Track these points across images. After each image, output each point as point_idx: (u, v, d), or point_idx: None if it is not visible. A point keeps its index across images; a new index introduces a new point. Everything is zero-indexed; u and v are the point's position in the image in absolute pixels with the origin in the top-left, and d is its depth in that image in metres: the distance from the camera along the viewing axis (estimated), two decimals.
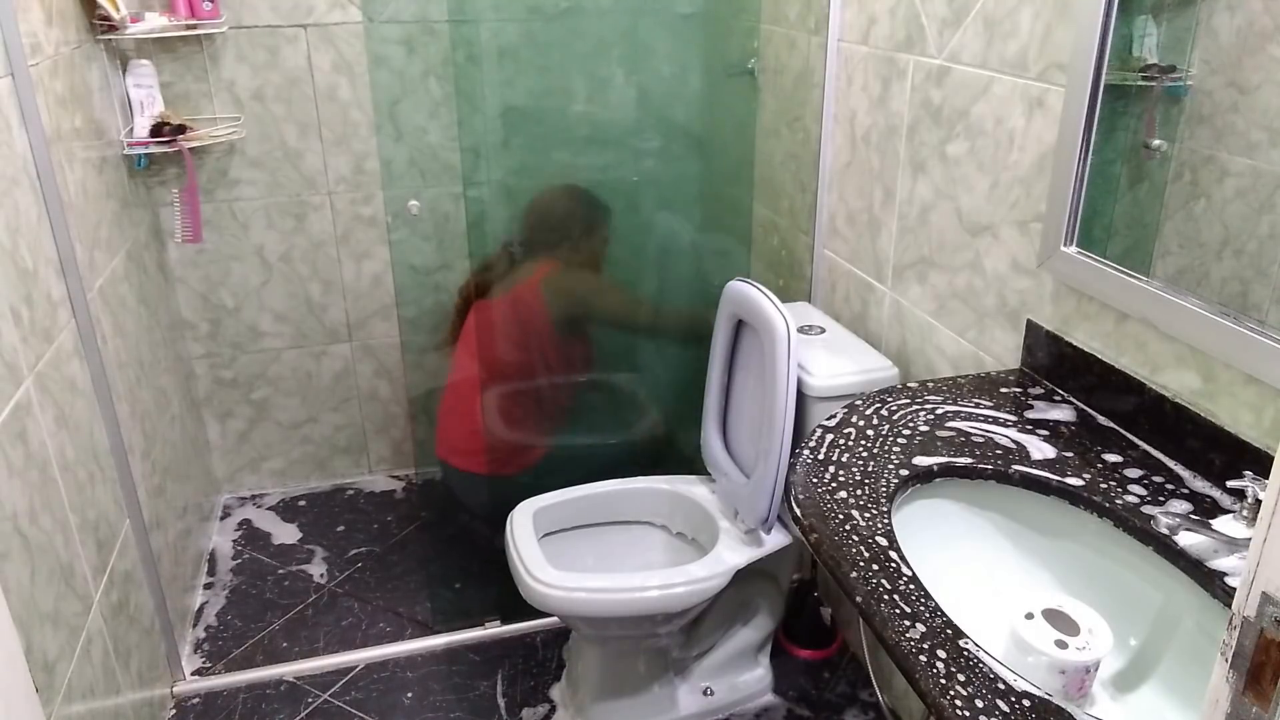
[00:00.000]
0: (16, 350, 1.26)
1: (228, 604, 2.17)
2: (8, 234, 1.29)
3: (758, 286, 1.62)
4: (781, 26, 2.01)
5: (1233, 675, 0.49)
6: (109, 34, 1.88)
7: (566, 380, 2.14)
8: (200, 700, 1.88)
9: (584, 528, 1.85)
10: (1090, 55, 1.13)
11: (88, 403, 1.53)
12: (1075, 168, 1.18)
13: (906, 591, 0.89)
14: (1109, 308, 1.19)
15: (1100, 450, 1.13)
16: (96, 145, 1.78)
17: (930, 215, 1.55)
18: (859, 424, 1.20)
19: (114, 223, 1.83)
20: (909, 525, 1.06)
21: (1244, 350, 0.97)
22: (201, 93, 2.18)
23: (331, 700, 1.88)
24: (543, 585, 1.57)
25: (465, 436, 2.09)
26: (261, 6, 2.15)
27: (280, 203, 2.32)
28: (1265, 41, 0.94)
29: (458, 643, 2.02)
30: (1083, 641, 0.89)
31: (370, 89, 2.26)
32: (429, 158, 2.34)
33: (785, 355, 1.51)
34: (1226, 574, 0.89)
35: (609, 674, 1.76)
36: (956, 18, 1.42)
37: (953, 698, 0.77)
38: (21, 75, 1.39)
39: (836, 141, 1.84)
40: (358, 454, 2.65)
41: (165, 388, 2.07)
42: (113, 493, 1.61)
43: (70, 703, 1.28)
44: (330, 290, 2.44)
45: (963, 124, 1.44)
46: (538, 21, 2.05)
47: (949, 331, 1.53)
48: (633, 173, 2.11)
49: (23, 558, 1.19)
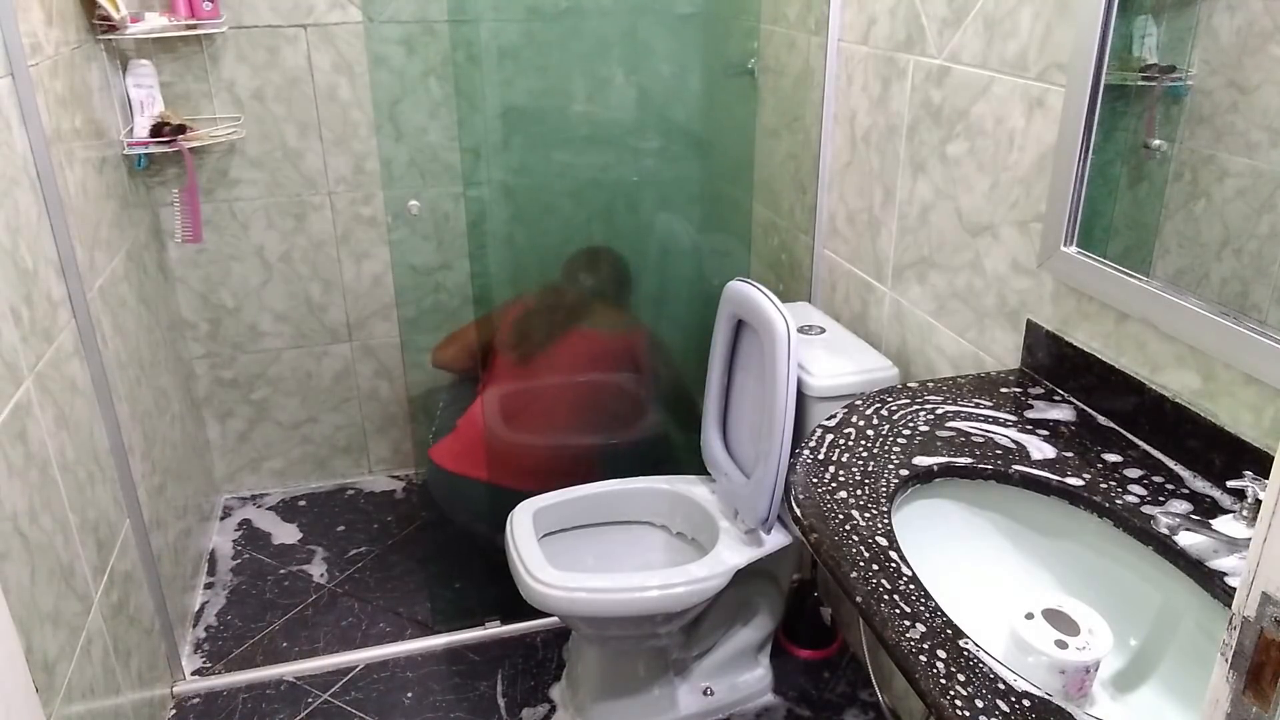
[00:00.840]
0: (16, 350, 1.26)
1: (228, 604, 2.17)
2: (8, 234, 1.29)
3: (758, 286, 1.62)
4: (781, 26, 2.01)
5: (1233, 675, 0.49)
6: (109, 34, 1.88)
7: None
8: (200, 700, 1.88)
9: (584, 528, 1.85)
10: (1090, 55, 1.13)
11: (88, 403, 1.53)
12: (1075, 168, 1.18)
13: (906, 591, 0.89)
14: (1109, 308, 1.19)
15: (1100, 450, 1.13)
16: (96, 145, 1.78)
17: (930, 215, 1.55)
18: (859, 424, 1.20)
19: (114, 223, 1.83)
20: (909, 525, 1.06)
21: (1244, 350, 0.97)
22: (201, 93, 2.18)
23: (331, 700, 1.88)
24: (543, 585, 1.57)
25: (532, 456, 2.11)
26: (261, 6, 2.15)
27: (280, 203, 2.32)
28: (1265, 41, 0.94)
29: (458, 643, 2.02)
30: (1083, 641, 0.89)
31: (370, 89, 2.26)
32: (429, 158, 2.34)
33: (785, 355, 1.51)
34: (1226, 574, 0.89)
35: (609, 674, 1.76)
36: (956, 18, 1.42)
37: (953, 698, 0.77)
38: (21, 75, 1.39)
39: (836, 141, 1.84)
40: (358, 454, 2.65)
41: (165, 388, 2.07)
42: (113, 493, 1.61)
43: (70, 703, 1.28)
44: (330, 290, 2.44)
45: (963, 124, 1.44)
46: (538, 21, 2.05)
47: (949, 331, 1.53)
48: (633, 173, 2.10)
49: (23, 558, 1.19)
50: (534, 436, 2.13)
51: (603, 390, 2.16)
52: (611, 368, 2.15)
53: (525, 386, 2.14)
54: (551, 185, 2.10)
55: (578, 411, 2.15)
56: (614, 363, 2.15)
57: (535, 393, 2.15)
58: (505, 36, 2.03)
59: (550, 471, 2.03)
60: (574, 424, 2.15)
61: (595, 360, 2.13)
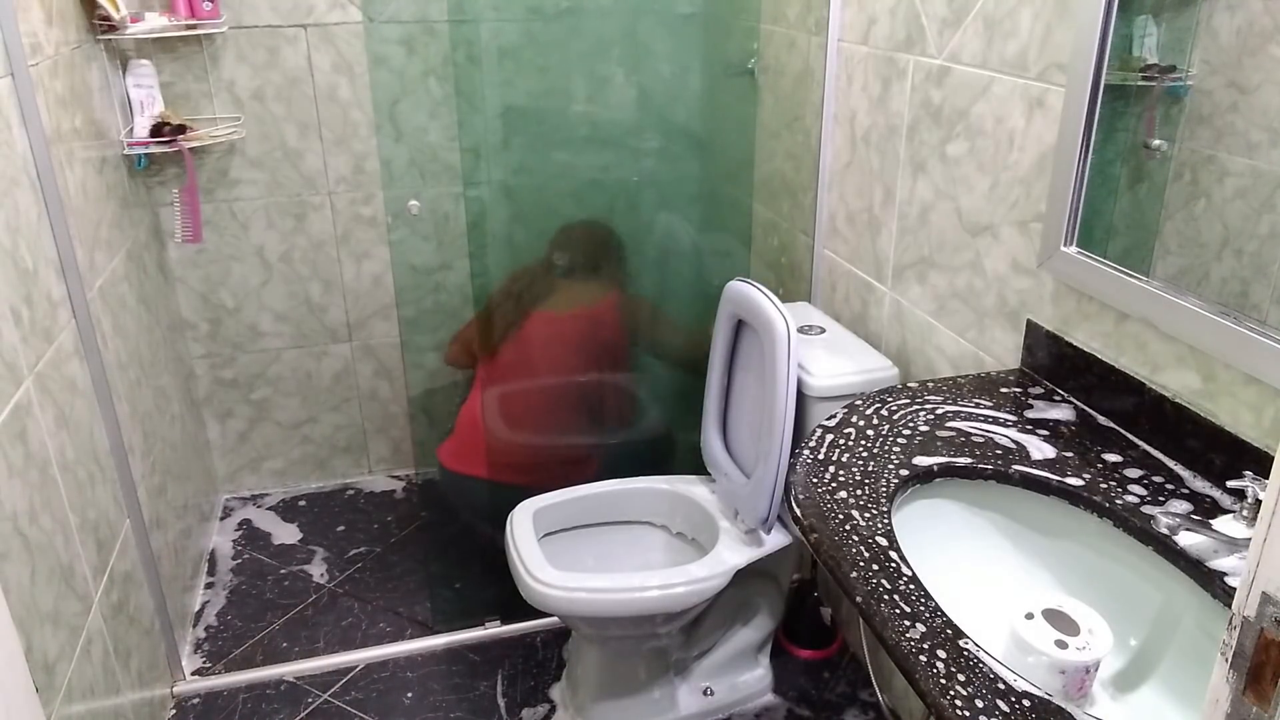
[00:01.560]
0: (16, 350, 1.26)
1: (228, 604, 2.17)
2: (8, 234, 1.29)
3: (758, 286, 1.62)
4: (781, 26, 2.01)
5: (1233, 675, 0.49)
6: (109, 34, 1.88)
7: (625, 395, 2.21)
8: (200, 700, 1.88)
9: (584, 528, 1.85)
10: (1090, 55, 1.13)
11: (88, 403, 1.53)
12: (1075, 168, 1.18)
13: (906, 591, 0.89)
14: (1109, 308, 1.19)
15: (1100, 450, 1.13)
16: (96, 145, 1.78)
17: (930, 215, 1.55)
18: (859, 424, 1.20)
19: (114, 223, 1.83)
20: (909, 525, 1.06)
21: (1244, 350, 0.97)
22: (201, 93, 2.18)
23: (331, 700, 1.88)
24: (543, 585, 1.57)
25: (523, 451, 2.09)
26: (261, 6, 2.15)
27: (280, 203, 2.32)
28: (1265, 41, 0.94)
29: (458, 643, 2.02)
30: (1083, 641, 0.89)
31: (370, 89, 2.26)
32: (429, 158, 2.34)
33: (785, 355, 1.51)
34: (1226, 574, 0.89)
35: (609, 674, 1.76)
36: (956, 18, 1.42)
37: (953, 698, 0.77)
38: (21, 75, 1.39)
39: (836, 141, 1.84)
40: (358, 454, 2.65)
41: (165, 388, 2.07)
42: (113, 493, 1.61)
43: (70, 703, 1.28)
44: (330, 290, 2.44)
45: (963, 124, 1.44)
46: (538, 21, 2.05)
47: (949, 331, 1.53)
48: (633, 173, 2.10)
49: (23, 558, 1.19)
50: (518, 431, 2.12)
51: (575, 370, 2.12)
52: (577, 347, 2.10)
53: (502, 379, 2.13)
54: (551, 185, 2.10)
55: (554, 398, 2.12)
56: (579, 341, 2.10)
57: (511, 384, 2.14)
58: (505, 36, 2.03)
59: (542, 465, 2.03)
60: (554, 414, 2.12)
61: (557, 342, 2.09)
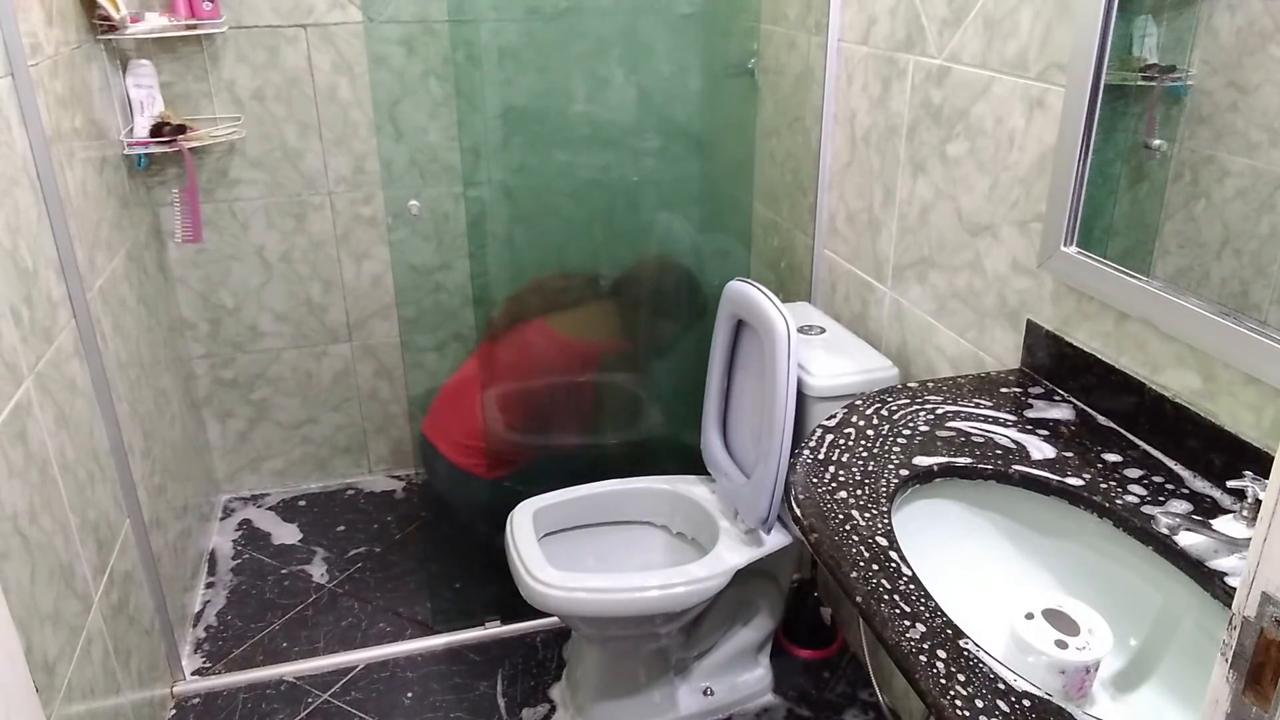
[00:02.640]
0: (16, 350, 1.26)
1: (228, 604, 2.17)
2: (8, 234, 1.29)
3: (758, 286, 1.62)
4: (781, 26, 2.01)
5: (1233, 675, 0.49)
6: (109, 34, 1.88)
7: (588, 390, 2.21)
8: (200, 700, 1.88)
9: (584, 528, 1.84)
10: (1090, 55, 1.13)
11: (88, 403, 1.53)
12: (1075, 168, 1.18)
13: (906, 591, 0.89)
14: (1109, 308, 1.19)
15: (1100, 450, 1.13)
16: (96, 145, 1.78)
17: (930, 215, 1.55)
18: (859, 424, 1.20)
19: (114, 223, 1.83)
20: (909, 525, 1.06)
21: (1244, 350, 0.97)
22: (201, 93, 2.18)
23: (331, 700, 1.88)
24: (543, 585, 1.57)
25: (466, 433, 2.09)
26: (261, 6, 2.14)
27: (280, 203, 2.32)
28: (1265, 41, 0.94)
29: (458, 643, 2.02)
30: (1083, 641, 0.89)
31: (370, 89, 2.26)
32: (429, 158, 2.34)
33: (785, 355, 1.51)
34: (1226, 574, 0.89)
35: (609, 674, 1.76)
36: (956, 18, 1.42)
37: (953, 698, 0.77)
38: (21, 75, 1.39)
39: (836, 141, 1.84)
40: (358, 454, 2.65)
41: (165, 388, 2.07)
42: (113, 493, 1.61)
43: (70, 703, 1.28)
44: (330, 290, 2.44)
45: (963, 124, 1.44)
46: (538, 21, 2.05)
47: (949, 331, 1.53)
48: (633, 173, 2.10)
49: (23, 558, 1.19)
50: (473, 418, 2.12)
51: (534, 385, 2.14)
52: (545, 369, 2.12)
53: (486, 364, 2.15)
54: (551, 185, 2.10)
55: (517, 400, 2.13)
56: (549, 366, 2.12)
57: (487, 372, 2.15)
58: (505, 36, 2.03)
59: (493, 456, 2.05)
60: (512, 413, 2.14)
61: (539, 357, 2.11)
